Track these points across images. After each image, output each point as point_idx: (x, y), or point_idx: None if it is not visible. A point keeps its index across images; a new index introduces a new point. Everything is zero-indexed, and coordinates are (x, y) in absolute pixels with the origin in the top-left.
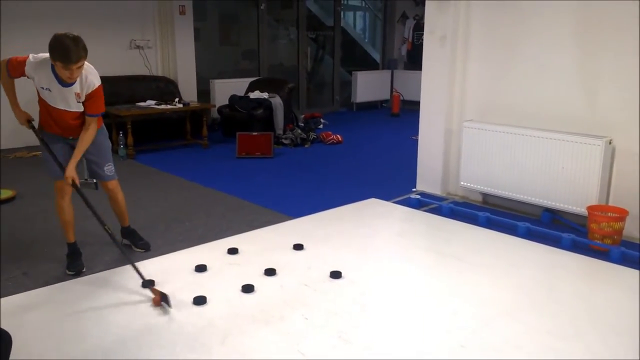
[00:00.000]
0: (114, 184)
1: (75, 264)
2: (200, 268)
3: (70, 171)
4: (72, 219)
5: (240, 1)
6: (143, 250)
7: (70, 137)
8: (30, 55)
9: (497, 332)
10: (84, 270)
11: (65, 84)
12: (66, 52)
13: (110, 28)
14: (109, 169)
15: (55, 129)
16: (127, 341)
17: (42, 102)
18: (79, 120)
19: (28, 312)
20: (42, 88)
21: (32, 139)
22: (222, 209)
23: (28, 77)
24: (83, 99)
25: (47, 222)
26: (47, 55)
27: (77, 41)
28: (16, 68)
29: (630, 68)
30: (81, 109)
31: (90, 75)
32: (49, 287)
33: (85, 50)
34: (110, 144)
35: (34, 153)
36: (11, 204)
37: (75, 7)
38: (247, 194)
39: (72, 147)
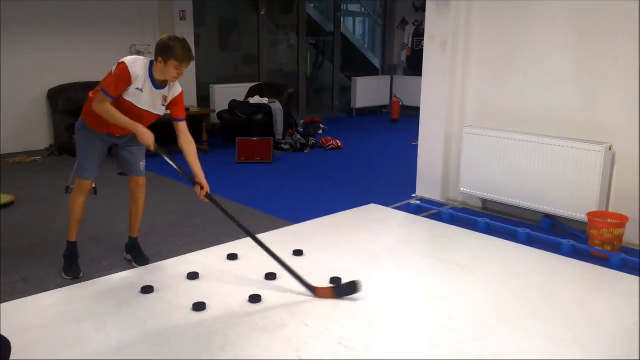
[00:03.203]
0: (143, 180)
1: (72, 268)
2: (193, 276)
3: (204, 182)
4: (81, 219)
5: (240, 7)
6: (140, 266)
7: (118, 135)
8: (126, 61)
9: (496, 338)
10: (81, 275)
11: (158, 86)
12: (183, 51)
13: (110, 33)
14: (144, 165)
15: (107, 129)
16: (127, 347)
17: (113, 102)
18: (148, 124)
19: (27, 318)
20: (137, 88)
21: (31, 144)
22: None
23: (127, 86)
24: (167, 102)
25: (46, 227)
26: (140, 57)
27: (186, 42)
28: (118, 83)
29: (630, 74)
30: (161, 112)
31: (177, 81)
32: (48, 292)
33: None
34: None
35: (34, 158)
36: (10, 209)
37: (75, 11)
38: (247, 199)
39: (116, 146)
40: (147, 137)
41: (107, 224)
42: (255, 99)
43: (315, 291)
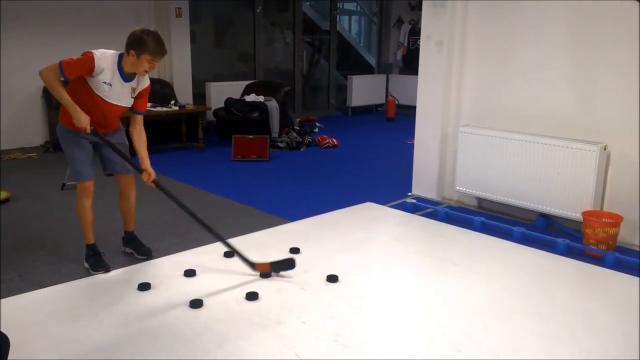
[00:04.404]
0: (131, 178)
1: (101, 264)
2: (189, 273)
3: (150, 168)
4: (94, 221)
5: (236, 4)
6: (145, 258)
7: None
8: (95, 51)
9: (492, 336)
10: (111, 269)
11: (127, 79)
12: (156, 45)
13: (106, 29)
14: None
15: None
16: (124, 344)
17: (85, 97)
18: (119, 117)
19: (24, 314)
20: (105, 82)
21: (26, 141)
22: (218, 212)
23: (87, 75)
24: (135, 94)
25: (42, 224)
26: (110, 51)
27: (159, 36)
28: (79, 68)
29: (625, 74)
30: (129, 104)
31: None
32: (44, 289)
33: None
34: None
35: (29, 154)
36: (5, 206)
37: (71, 8)
38: (243, 197)
39: (97, 145)
40: (83, 118)
41: (101, 222)
42: (251, 97)
43: (255, 266)
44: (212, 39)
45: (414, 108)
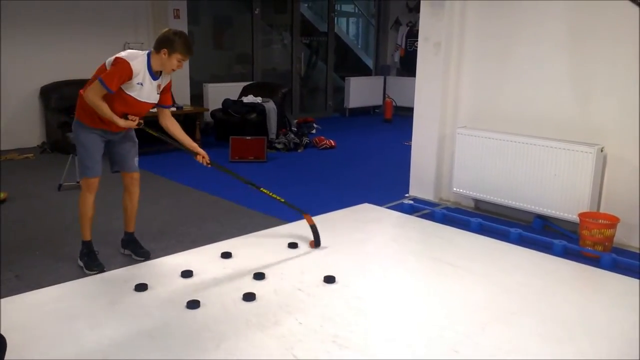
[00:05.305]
0: (137, 175)
1: (95, 264)
2: (186, 274)
3: (202, 150)
4: (93, 218)
5: (234, 6)
6: (143, 259)
7: (114, 131)
8: (124, 56)
9: (489, 337)
10: (105, 269)
11: (155, 77)
12: (187, 46)
13: (104, 30)
14: (137, 160)
15: (104, 125)
16: (122, 344)
17: (114, 96)
18: (144, 115)
19: (21, 315)
20: (138, 83)
21: (23, 142)
22: (215, 212)
23: (127, 81)
24: (160, 90)
25: (39, 224)
26: (135, 51)
27: (188, 36)
28: (120, 78)
29: (622, 76)
30: (156, 101)
31: None
32: (42, 289)
33: None
34: None
35: (26, 155)
36: (2, 207)
37: (69, 8)
38: (240, 198)
39: (109, 142)
40: (133, 122)
41: (100, 222)
42: (249, 98)
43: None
44: (210, 40)
45: (411, 110)
